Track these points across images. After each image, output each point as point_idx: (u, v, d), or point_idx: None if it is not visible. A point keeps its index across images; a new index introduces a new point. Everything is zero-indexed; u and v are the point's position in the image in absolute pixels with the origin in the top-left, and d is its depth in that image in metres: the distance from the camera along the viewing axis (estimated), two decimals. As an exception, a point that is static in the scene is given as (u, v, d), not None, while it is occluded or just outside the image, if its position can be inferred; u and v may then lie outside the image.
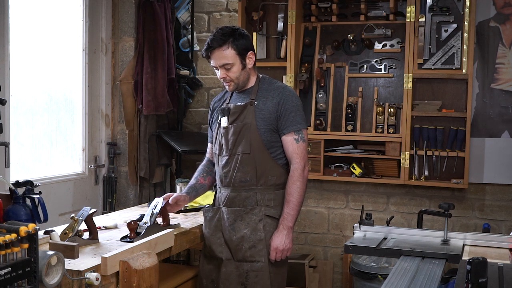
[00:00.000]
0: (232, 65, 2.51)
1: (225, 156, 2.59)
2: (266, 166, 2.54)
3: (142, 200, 3.91)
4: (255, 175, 2.53)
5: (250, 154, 2.52)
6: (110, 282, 2.03)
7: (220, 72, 2.54)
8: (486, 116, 3.72)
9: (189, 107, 4.35)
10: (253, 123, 2.52)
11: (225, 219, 2.57)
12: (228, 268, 2.55)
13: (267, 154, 2.54)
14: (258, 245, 2.51)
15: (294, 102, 2.55)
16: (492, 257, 2.25)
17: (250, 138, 2.52)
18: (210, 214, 2.64)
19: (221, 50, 2.49)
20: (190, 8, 4.19)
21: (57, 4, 3.44)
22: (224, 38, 2.49)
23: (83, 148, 3.68)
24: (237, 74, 2.53)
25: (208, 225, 2.64)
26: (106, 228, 2.62)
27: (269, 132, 2.53)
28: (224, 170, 2.59)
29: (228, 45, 2.49)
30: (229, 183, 2.58)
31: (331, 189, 4.07)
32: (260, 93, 2.57)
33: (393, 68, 3.83)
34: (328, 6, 3.84)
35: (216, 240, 2.60)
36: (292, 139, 2.53)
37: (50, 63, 3.39)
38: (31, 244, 1.63)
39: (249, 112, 2.54)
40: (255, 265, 2.51)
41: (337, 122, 3.88)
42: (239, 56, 2.51)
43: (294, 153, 2.53)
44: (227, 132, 2.58)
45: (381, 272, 3.38)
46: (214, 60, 2.52)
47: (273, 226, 2.54)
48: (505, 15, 3.68)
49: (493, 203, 3.76)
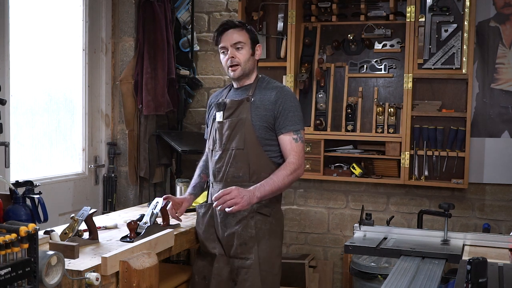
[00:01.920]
0: (244, 45, 2.53)
1: (218, 151, 2.59)
2: (259, 162, 2.52)
3: (142, 200, 3.91)
4: (248, 171, 2.52)
5: (243, 150, 2.51)
6: (110, 282, 2.03)
7: (230, 52, 2.53)
8: (486, 116, 3.72)
9: (189, 107, 4.35)
10: (248, 119, 2.51)
11: (217, 215, 2.57)
12: (220, 263, 2.56)
13: (261, 151, 2.52)
14: (248, 242, 2.50)
15: (293, 102, 2.55)
16: (492, 257, 2.25)
17: (245, 134, 2.51)
18: (203, 210, 2.65)
19: (236, 30, 2.54)
20: (190, 8, 4.19)
21: (57, 4, 3.44)
22: (239, 22, 2.59)
23: (83, 148, 3.68)
24: (246, 57, 2.54)
25: (201, 221, 2.65)
26: (106, 228, 2.63)
27: (264, 129, 2.52)
28: (217, 165, 2.59)
29: (243, 28, 2.56)
30: (222, 179, 2.57)
31: (331, 189, 4.08)
32: (258, 91, 2.58)
33: (393, 68, 3.83)
34: (328, 6, 3.83)
35: (209, 236, 2.61)
36: (290, 138, 2.51)
37: (50, 63, 3.38)
38: (31, 244, 1.63)
39: (245, 107, 2.54)
40: (245, 262, 2.50)
41: (337, 122, 3.88)
42: (251, 41, 2.56)
43: (292, 151, 2.51)
44: (222, 127, 2.57)
45: (381, 272, 3.38)
46: (226, 40, 2.53)
47: (264, 224, 2.53)
48: (505, 15, 3.68)
49: (493, 203, 3.76)
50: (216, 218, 2.58)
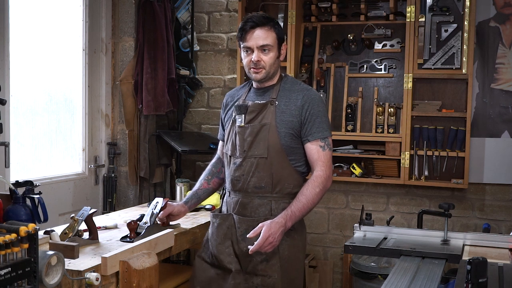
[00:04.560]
0: (271, 48, 2.30)
1: (238, 158, 2.36)
2: (283, 172, 2.33)
3: (142, 200, 3.91)
4: (270, 182, 2.32)
5: (267, 159, 2.31)
6: (110, 282, 2.03)
7: (256, 55, 2.29)
8: (486, 116, 3.72)
9: (189, 107, 4.35)
10: (272, 125, 2.30)
11: (237, 227, 2.36)
12: (236, 280, 2.33)
13: (286, 160, 2.33)
14: (271, 259, 2.30)
15: (320, 107, 2.34)
16: (492, 257, 2.25)
17: (268, 141, 2.30)
18: (219, 221, 2.42)
19: (264, 30, 2.28)
20: (190, 8, 4.19)
21: (57, 4, 3.44)
22: (267, 19, 2.32)
23: (83, 148, 3.68)
24: (272, 61, 2.31)
25: (216, 232, 2.42)
26: (106, 228, 2.63)
27: (289, 137, 2.32)
28: (237, 174, 2.36)
29: (271, 26, 2.31)
30: (242, 188, 2.36)
31: (331, 189, 4.06)
32: (282, 93, 2.36)
33: (393, 68, 3.83)
34: (328, 6, 3.83)
35: (225, 249, 2.37)
36: (317, 146, 2.31)
37: (50, 63, 3.38)
38: (31, 244, 1.63)
39: (269, 112, 2.32)
40: (267, 280, 2.30)
41: (337, 122, 3.88)
42: (278, 42, 2.33)
43: (319, 161, 2.31)
44: (243, 132, 2.35)
45: (381, 272, 3.38)
46: (253, 40, 2.28)
47: (286, 240, 2.31)
48: (505, 15, 3.68)
49: (493, 203, 3.76)
50: (235, 230, 2.37)
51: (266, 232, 2.15)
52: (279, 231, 2.19)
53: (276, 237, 2.17)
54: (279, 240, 2.20)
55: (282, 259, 2.32)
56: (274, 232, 2.17)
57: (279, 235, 2.18)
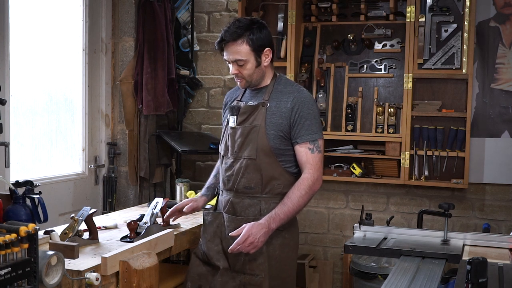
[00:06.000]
0: (246, 62, 2.31)
1: (229, 159, 2.41)
2: (273, 173, 2.34)
3: (142, 200, 3.91)
4: (260, 183, 2.34)
5: (256, 160, 2.33)
6: (110, 282, 2.03)
7: (232, 68, 2.34)
8: (486, 116, 3.72)
9: (189, 107, 4.35)
10: (262, 127, 2.33)
11: (226, 226, 2.40)
12: (224, 277, 2.37)
13: (275, 161, 2.34)
14: (259, 258, 2.32)
15: (310, 109, 2.34)
16: (492, 257, 2.25)
17: (258, 143, 2.33)
18: (210, 219, 2.47)
19: (235, 45, 2.29)
20: (190, 8, 4.19)
21: (57, 4, 3.44)
22: (239, 31, 2.29)
23: (83, 148, 3.68)
24: (250, 72, 2.33)
25: (207, 229, 2.48)
26: (106, 228, 2.63)
27: (278, 139, 2.34)
28: (227, 174, 2.41)
29: (243, 40, 2.29)
30: (232, 188, 2.40)
31: (331, 189, 4.07)
32: (274, 94, 2.37)
33: (393, 68, 3.83)
34: (328, 6, 3.83)
35: (214, 247, 2.43)
36: (306, 149, 2.32)
37: (50, 63, 3.38)
38: (31, 244, 1.63)
39: (260, 114, 2.35)
40: (254, 278, 2.32)
41: (337, 122, 3.88)
42: (254, 52, 2.31)
43: (307, 163, 2.32)
44: (234, 133, 2.39)
45: (381, 272, 3.38)
46: (227, 55, 2.33)
47: (276, 238, 2.34)
48: (505, 15, 3.68)
49: (493, 203, 3.76)
50: (224, 229, 2.41)
51: (246, 232, 2.20)
52: (261, 232, 2.21)
53: (257, 238, 2.20)
54: (262, 242, 2.23)
55: (272, 258, 2.35)
56: (255, 233, 2.20)
57: (261, 236, 2.21)
